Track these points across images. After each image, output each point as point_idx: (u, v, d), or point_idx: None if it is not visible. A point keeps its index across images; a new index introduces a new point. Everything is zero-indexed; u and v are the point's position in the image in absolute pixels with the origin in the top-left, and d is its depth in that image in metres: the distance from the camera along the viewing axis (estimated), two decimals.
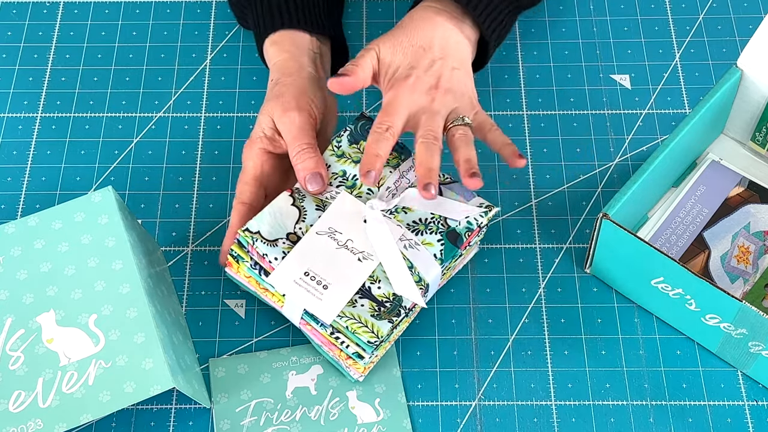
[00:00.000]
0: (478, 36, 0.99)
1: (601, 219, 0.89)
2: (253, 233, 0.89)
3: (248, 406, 0.91)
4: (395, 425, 0.90)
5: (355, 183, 0.93)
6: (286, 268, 0.88)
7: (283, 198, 0.91)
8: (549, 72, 1.12)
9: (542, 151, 1.06)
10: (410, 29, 0.96)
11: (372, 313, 0.87)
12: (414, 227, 0.91)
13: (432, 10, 0.97)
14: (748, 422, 0.90)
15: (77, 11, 1.17)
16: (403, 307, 0.88)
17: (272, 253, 0.88)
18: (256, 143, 0.94)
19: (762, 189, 1.01)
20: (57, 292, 0.86)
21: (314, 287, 0.87)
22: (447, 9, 0.98)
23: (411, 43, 0.94)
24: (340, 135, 0.95)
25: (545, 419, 0.91)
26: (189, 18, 1.16)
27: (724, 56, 1.12)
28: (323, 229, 0.90)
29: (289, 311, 0.90)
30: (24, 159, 1.06)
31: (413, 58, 0.94)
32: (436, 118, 0.92)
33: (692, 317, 0.91)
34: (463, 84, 0.95)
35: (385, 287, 0.88)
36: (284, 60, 0.98)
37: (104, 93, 1.11)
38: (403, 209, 0.92)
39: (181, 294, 0.98)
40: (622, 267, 0.93)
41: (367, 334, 0.86)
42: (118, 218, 0.89)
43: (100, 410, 0.80)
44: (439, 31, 0.96)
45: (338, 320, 0.86)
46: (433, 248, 0.90)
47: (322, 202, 0.92)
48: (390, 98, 0.92)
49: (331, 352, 0.89)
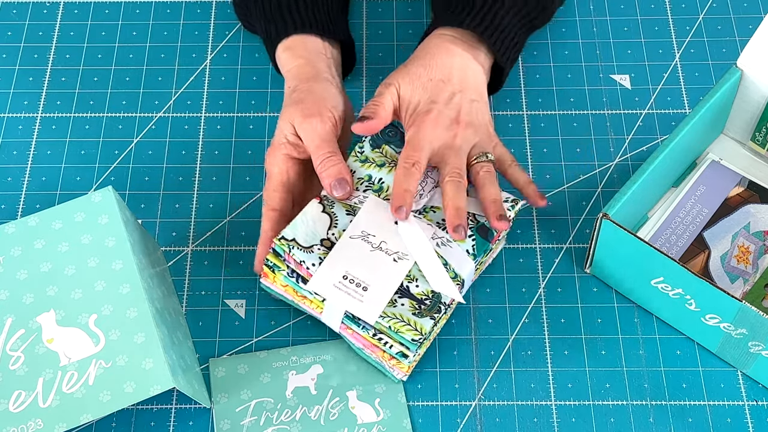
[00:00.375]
0: (492, 61, 1.00)
1: (601, 219, 0.89)
2: (289, 241, 0.89)
3: (248, 406, 0.91)
4: (395, 425, 0.90)
5: (382, 186, 0.94)
6: (324, 273, 0.88)
7: (313, 206, 0.92)
8: (549, 72, 1.12)
9: (542, 151, 1.06)
10: (427, 60, 0.96)
11: (413, 312, 0.87)
12: (444, 225, 0.92)
13: (447, 39, 0.98)
14: (748, 422, 0.90)
15: (77, 11, 1.17)
16: (442, 303, 0.88)
17: (309, 259, 0.89)
18: (280, 149, 0.94)
19: (762, 189, 1.01)
20: (57, 292, 0.86)
21: (354, 290, 0.88)
22: (462, 37, 0.98)
23: (429, 77, 0.95)
24: (362, 141, 0.96)
25: (545, 419, 0.91)
26: (189, 18, 1.16)
27: (724, 56, 1.12)
28: (356, 233, 0.90)
29: (329, 317, 0.90)
30: (24, 159, 1.06)
31: (433, 92, 0.95)
32: (459, 154, 0.93)
33: (692, 317, 0.91)
34: (482, 115, 0.96)
35: (423, 285, 0.89)
36: (300, 65, 0.98)
37: (104, 93, 1.11)
38: (432, 208, 0.93)
39: (181, 294, 0.98)
40: (622, 267, 0.93)
41: (411, 332, 0.86)
42: (118, 218, 0.89)
43: (100, 410, 0.80)
44: (457, 61, 0.96)
45: (380, 321, 0.87)
46: (465, 244, 0.91)
47: (352, 207, 0.92)
48: (413, 133, 0.93)
49: (374, 354, 0.90)
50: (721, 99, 0.97)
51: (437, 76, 0.95)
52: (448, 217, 0.90)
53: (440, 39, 0.98)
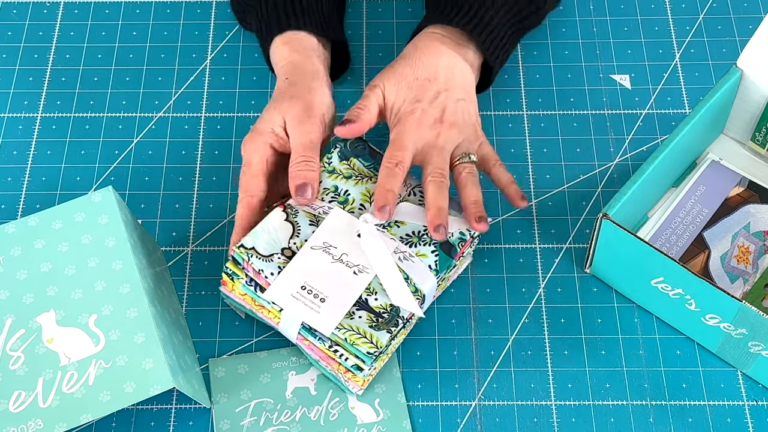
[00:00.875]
0: (481, 60, 1.00)
1: (601, 219, 0.89)
2: (249, 249, 0.89)
3: (248, 406, 0.91)
4: (395, 425, 0.90)
5: (347, 198, 0.93)
6: (282, 282, 0.88)
7: (276, 214, 0.92)
8: (549, 72, 1.12)
9: (542, 151, 1.06)
10: (414, 60, 0.96)
11: (370, 324, 0.87)
12: (407, 240, 0.92)
13: (436, 38, 0.97)
14: (748, 422, 0.90)
15: (77, 11, 1.17)
16: (400, 317, 0.88)
17: (268, 268, 0.89)
18: (263, 136, 0.93)
19: (762, 189, 1.01)
20: (57, 292, 0.86)
21: (312, 300, 0.87)
22: (451, 36, 0.98)
23: (416, 75, 0.95)
24: (331, 152, 0.96)
25: (545, 419, 0.91)
26: (189, 18, 1.16)
27: (724, 56, 1.12)
28: (318, 243, 0.90)
29: (286, 327, 0.90)
30: (24, 159, 1.06)
31: (418, 91, 0.95)
32: (442, 154, 0.93)
33: (692, 317, 0.91)
34: (468, 114, 0.96)
35: (382, 298, 0.88)
36: (299, 60, 0.98)
37: (104, 93, 1.11)
38: (396, 223, 0.92)
39: (181, 294, 0.98)
40: (622, 267, 0.93)
41: (366, 345, 0.86)
42: (118, 218, 0.89)
43: (100, 410, 0.80)
44: (443, 60, 0.96)
45: (337, 332, 0.86)
46: (428, 259, 0.91)
47: (316, 217, 0.92)
48: (397, 133, 0.93)
49: (330, 366, 0.89)
50: (721, 99, 0.97)
51: (423, 74, 0.95)
52: (429, 216, 0.90)
53: (428, 37, 0.98)
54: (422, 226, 0.92)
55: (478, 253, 1.00)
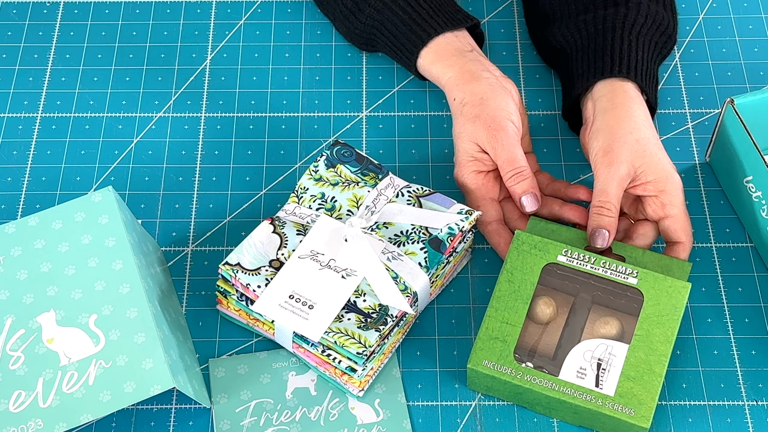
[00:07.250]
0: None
1: (726, 105, 0.95)
2: (233, 266, 0.90)
3: (248, 406, 0.91)
4: (395, 425, 0.90)
5: (334, 205, 0.94)
6: (270, 294, 0.89)
7: (262, 228, 0.93)
8: (549, 72, 1.12)
9: (542, 151, 1.06)
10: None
11: (359, 325, 0.87)
12: (396, 240, 0.92)
13: (637, 102, 0.97)
14: (748, 422, 0.90)
15: (77, 11, 1.17)
16: (390, 315, 0.88)
17: (255, 281, 0.89)
18: (468, 167, 0.97)
19: None
20: (57, 292, 0.86)
21: (300, 308, 0.88)
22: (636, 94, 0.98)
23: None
24: (317, 160, 0.97)
25: (545, 419, 0.91)
26: (189, 18, 1.16)
27: (724, 56, 1.13)
28: (305, 252, 0.91)
29: (281, 337, 0.91)
30: (24, 159, 1.06)
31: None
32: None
33: (764, 225, 0.95)
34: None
35: (371, 299, 0.89)
36: (455, 76, 0.99)
37: (104, 93, 1.11)
38: (384, 225, 0.93)
39: (181, 294, 0.98)
40: (728, 160, 0.98)
41: (355, 346, 0.86)
42: (118, 218, 0.89)
43: (100, 410, 0.80)
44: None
45: (326, 336, 0.87)
46: (417, 257, 0.91)
47: (303, 226, 0.93)
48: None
49: (327, 371, 0.90)
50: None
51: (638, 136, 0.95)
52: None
53: (632, 102, 0.97)
54: (410, 226, 0.93)
55: (478, 253, 1.00)
